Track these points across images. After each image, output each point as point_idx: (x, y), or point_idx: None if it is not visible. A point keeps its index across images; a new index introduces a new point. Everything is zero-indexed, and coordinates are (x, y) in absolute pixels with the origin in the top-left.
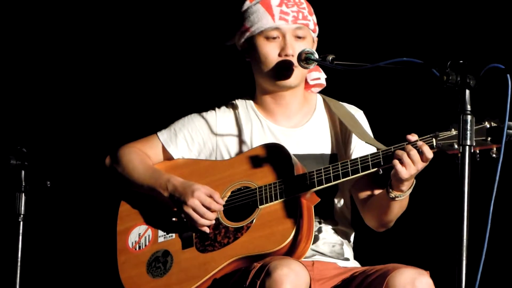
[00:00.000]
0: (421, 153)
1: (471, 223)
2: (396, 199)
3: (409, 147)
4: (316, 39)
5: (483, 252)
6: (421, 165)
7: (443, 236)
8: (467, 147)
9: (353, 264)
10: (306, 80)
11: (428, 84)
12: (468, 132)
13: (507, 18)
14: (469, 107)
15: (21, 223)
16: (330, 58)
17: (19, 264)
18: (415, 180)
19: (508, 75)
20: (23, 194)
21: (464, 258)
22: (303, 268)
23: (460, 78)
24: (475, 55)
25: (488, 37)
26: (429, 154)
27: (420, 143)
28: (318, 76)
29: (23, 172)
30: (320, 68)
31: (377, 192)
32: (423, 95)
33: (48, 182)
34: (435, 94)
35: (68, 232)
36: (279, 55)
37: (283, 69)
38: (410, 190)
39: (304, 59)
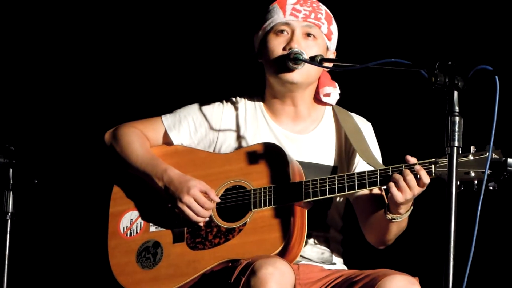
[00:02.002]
0: (418, 178)
1: (459, 226)
2: (393, 221)
3: (407, 171)
4: (332, 50)
5: (470, 255)
6: (417, 190)
7: (430, 239)
8: (454, 148)
9: (340, 267)
10: (318, 92)
11: (417, 85)
12: (456, 134)
13: (495, 20)
14: (457, 108)
15: (9, 221)
16: (319, 58)
17: (6, 262)
18: (413, 204)
19: (496, 77)
20: (11, 192)
21: (451, 263)
22: (289, 268)
23: (448, 80)
24: (463, 56)
25: (477, 38)
26: (426, 179)
27: (417, 167)
28: (330, 92)
29: (11, 170)
30: (336, 84)
31: (377, 210)
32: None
33: (36, 180)
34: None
35: (56, 230)
36: (284, 49)
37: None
38: (409, 213)
39: (293, 58)
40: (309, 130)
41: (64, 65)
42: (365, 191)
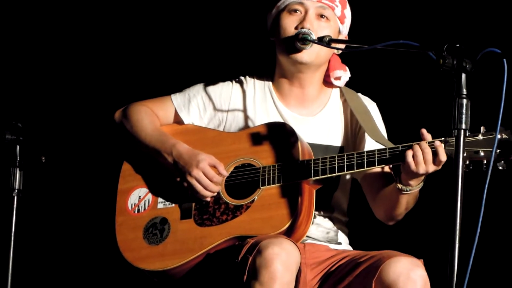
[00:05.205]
0: (435, 154)
1: (466, 208)
2: (403, 192)
3: (424, 144)
4: (344, 33)
5: (475, 238)
6: (431, 167)
7: (436, 220)
8: (462, 131)
9: (346, 247)
10: (329, 75)
11: (425, 67)
12: (464, 116)
13: (504, 2)
14: (465, 91)
15: (16, 198)
16: (327, 39)
17: (12, 238)
18: (423, 182)
19: (505, 60)
20: (18, 169)
21: (457, 245)
22: (295, 247)
23: (456, 62)
24: (471, 39)
25: (485, 21)
26: (443, 157)
27: (437, 143)
28: (340, 75)
29: (18, 147)
30: (347, 68)
31: (385, 186)
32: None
33: (43, 157)
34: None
35: (63, 207)
36: (296, 28)
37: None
38: (419, 187)
39: (301, 39)
40: (316, 112)
41: (75, 42)
42: (373, 170)
